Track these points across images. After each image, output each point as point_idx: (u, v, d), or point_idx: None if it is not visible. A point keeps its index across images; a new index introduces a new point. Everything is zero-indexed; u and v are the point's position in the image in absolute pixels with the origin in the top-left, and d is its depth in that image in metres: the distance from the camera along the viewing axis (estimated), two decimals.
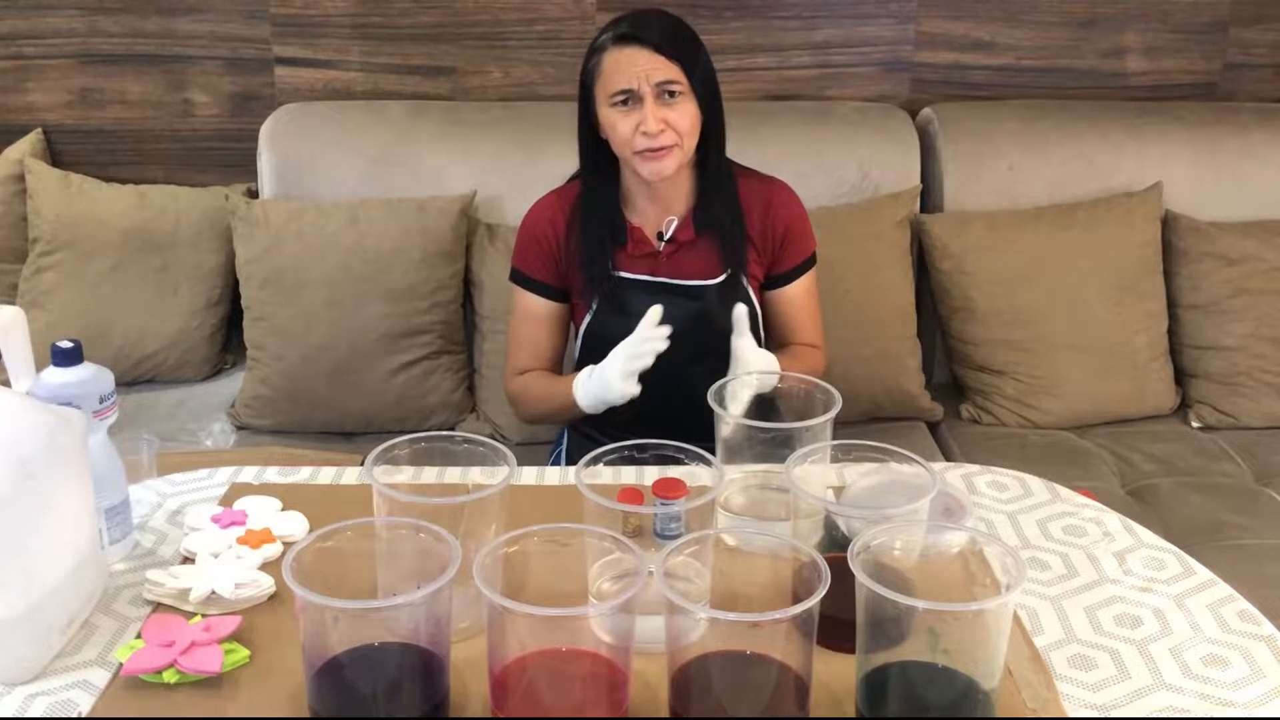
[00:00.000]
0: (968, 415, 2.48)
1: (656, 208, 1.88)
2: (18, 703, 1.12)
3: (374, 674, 1.06)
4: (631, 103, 1.76)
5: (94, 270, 2.46)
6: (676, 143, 1.77)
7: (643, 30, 1.76)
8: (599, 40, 1.80)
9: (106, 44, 2.63)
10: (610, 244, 1.88)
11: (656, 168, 1.78)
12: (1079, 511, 1.48)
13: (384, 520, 1.15)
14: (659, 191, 1.86)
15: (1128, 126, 2.58)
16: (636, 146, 1.77)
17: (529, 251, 1.92)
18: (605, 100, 1.78)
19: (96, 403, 1.29)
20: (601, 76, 1.79)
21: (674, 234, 1.88)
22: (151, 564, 1.33)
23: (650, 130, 1.74)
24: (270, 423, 2.38)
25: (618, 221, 1.88)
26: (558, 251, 1.90)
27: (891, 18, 2.68)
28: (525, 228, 1.93)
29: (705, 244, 1.88)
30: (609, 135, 1.81)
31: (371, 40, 2.64)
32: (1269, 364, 2.44)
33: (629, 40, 1.76)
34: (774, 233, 1.90)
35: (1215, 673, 1.19)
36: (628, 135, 1.76)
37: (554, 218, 1.90)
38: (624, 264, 1.88)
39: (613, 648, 1.04)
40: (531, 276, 1.92)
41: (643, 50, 1.75)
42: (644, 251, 1.88)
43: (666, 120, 1.75)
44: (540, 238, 1.90)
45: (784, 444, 1.29)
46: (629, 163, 1.81)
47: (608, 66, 1.78)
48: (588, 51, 1.82)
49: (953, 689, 1.06)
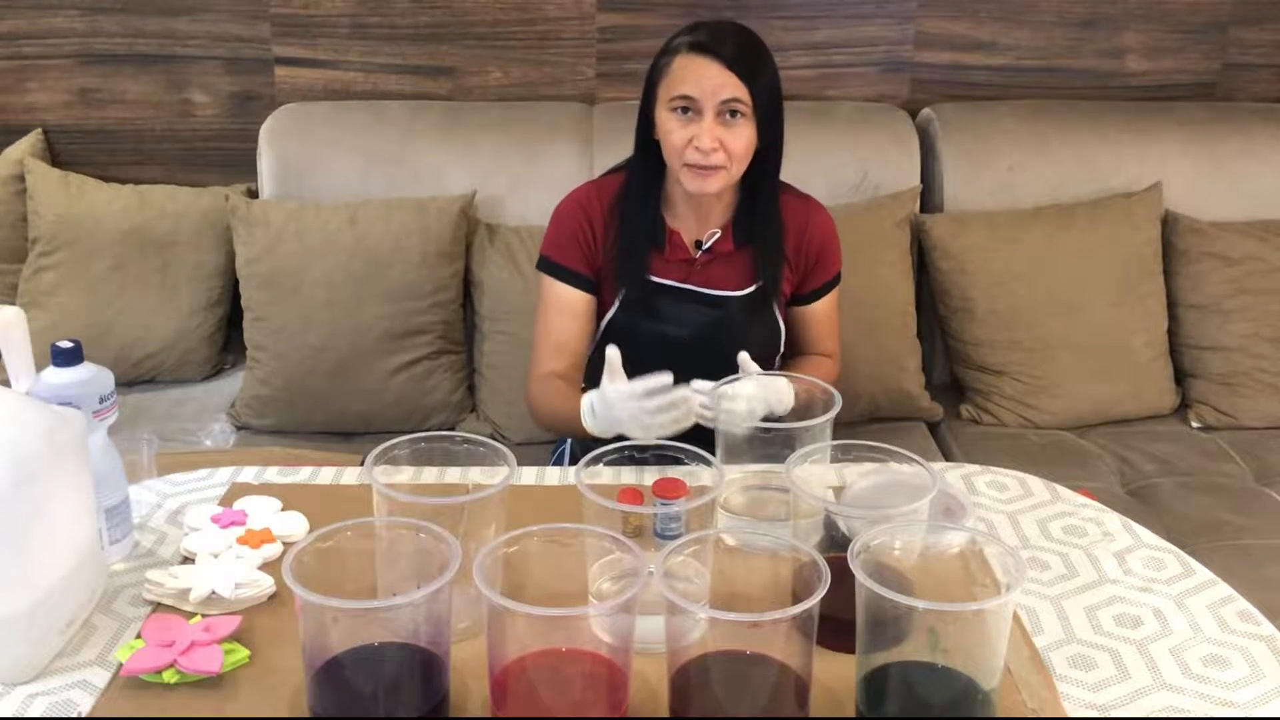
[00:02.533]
0: (968, 415, 2.48)
1: (697, 216, 1.86)
2: (18, 703, 1.12)
3: (374, 674, 1.06)
4: (691, 112, 1.73)
5: (94, 270, 2.46)
6: (726, 165, 1.73)
7: (719, 44, 1.72)
8: (674, 42, 1.77)
9: (106, 44, 2.63)
10: (648, 244, 1.85)
11: (701, 185, 1.75)
12: (1079, 511, 1.48)
13: (384, 520, 1.15)
14: (700, 201, 1.83)
15: (1128, 126, 2.58)
16: (687, 159, 1.73)
17: (563, 240, 1.88)
18: (665, 101, 1.75)
19: (96, 403, 1.29)
20: (668, 77, 1.75)
21: (713, 245, 1.86)
22: (151, 564, 1.33)
23: (704, 147, 1.71)
24: (270, 423, 2.38)
25: (658, 224, 1.86)
26: (592, 241, 1.87)
27: (891, 18, 2.68)
28: (560, 216, 1.89)
29: (741, 257, 1.86)
30: (661, 138, 1.78)
31: (371, 40, 2.64)
32: (1269, 364, 2.44)
33: (703, 50, 1.72)
34: (809, 253, 1.90)
35: (1215, 673, 1.19)
36: (680, 146, 1.73)
37: (590, 207, 1.87)
38: (658, 267, 1.86)
39: (613, 648, 1.04)
40: (564, 265, 1.88)
41: (715, 63, 1.71)
42: (680, 258, 1.86)
43: (722, 141, 1.72)
44: (576, 227, 1.87)
45: (784, 444, 1.29)
46: (675, 172, 1.78)
47: (676, 69, 1.74)
48: (660, 50, 1.79)
49: (953, 689, 1.06)
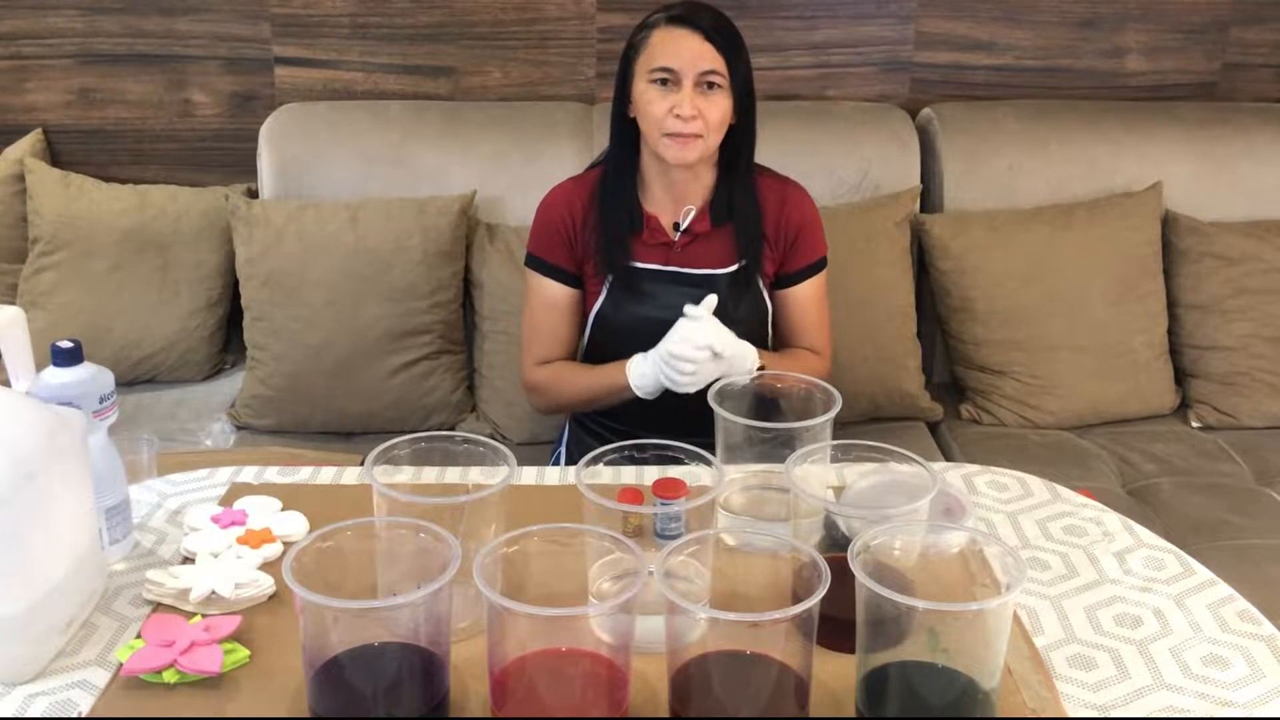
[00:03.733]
0: (968, 415, 2.48)
1: (673, 198, 1.88)
2: (18, 703, 1.12)
3: (374, 674, 1.06)
4: (670, 84, 1.77)
5: (94, 270, 2.46)
6: (703, 133, 1.77)
7: (697, 16, 1.78)
8: (650, 18, 1.81)
9: (106, 44, 2.63)
10: (627, 230, 1.88)
11: (680, 153, 1.78)
12: (1079, 511, 1.48)
13: (384, 520, 1.15)
14: (677, 182, 1.86)
15: (1128, 126, 2.58)
16: (666, 128, 1.77)
17: (546, 236, 1.92)
18: (644, 75, 1.79)
19: (96, 403, 1.29)
20: (646, 51, 1.79)
21: (690, 225, 1.88)
22: (151, 564, 1.33)
23: (684, 114, 1.75)
24: (270, 423, 2.38)
25: (635, 209, 1.89)
26: (575, 237, 1.90)
27: (891, 18, 2.68)
28: (542, 212, 1.93)
29: (720, 236, 1.89)
30: (640, 111, 1.81)
31: (371, 40, 2.64)
32: (1269, 364, 2.44)
33: (681, 22, 1.78)
34: (787, 231, 1.91)
35: (1215, 673, 1.19)
36: (660, 115, 1.77)
37: (571, 203, 1.90)
38: (638, 252, 1.89)
39: (613, 648, 1.04)
40: (549, 261, 1.92)
41: (693, 35, 1.77)
42: (659, 240, 1.89)
43: (700, 109, 1.76)
44: (558, 222, 1.90)
45: (784, 444, 1.29)
46: (654, 144, 1.80)
47: (655, 42, 1.79)
48: (636, 27, 1.83)
49: (953, 689, 1.06)
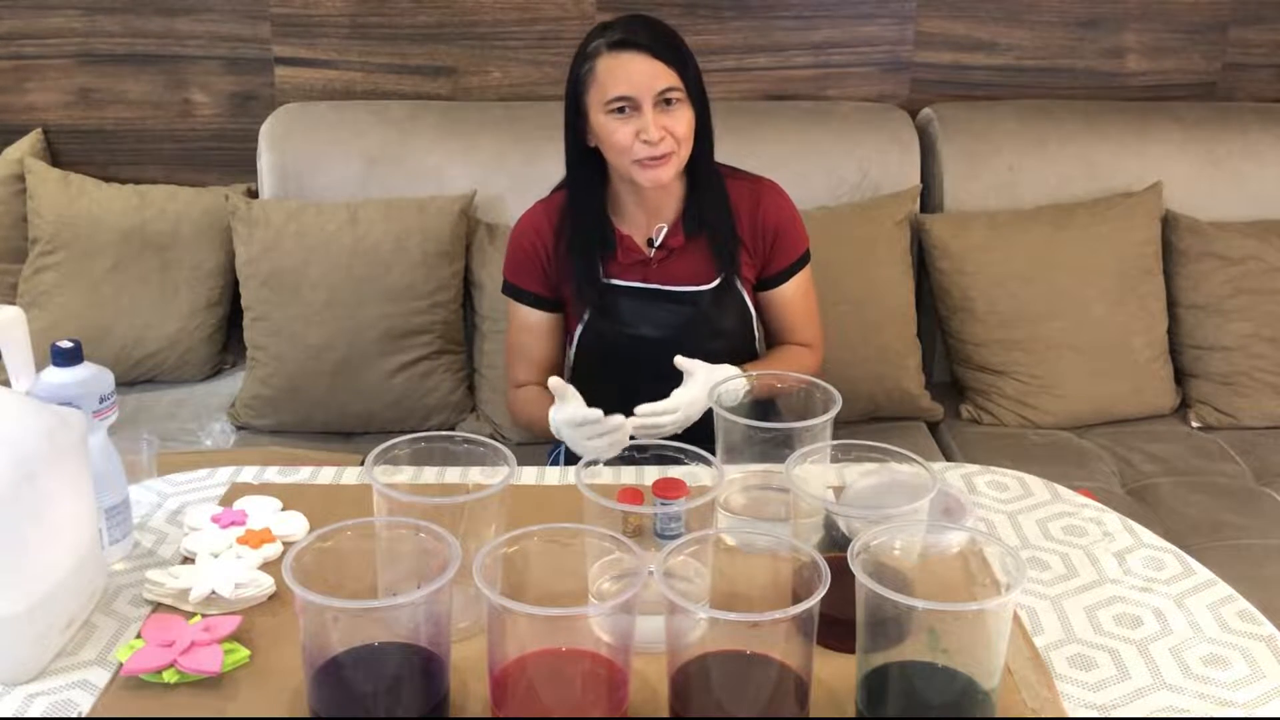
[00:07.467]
0: (968, 415, 2.48)
1: (645, 214, 1.85)
2: (18, 703, 1.12)
3: (374, 674, 1.06)
4: (629, 110, 1.72)
5: (94, 270, 2.46)
6: (674, 150, 1.74)
7: (638, 36, 1.72)
8: (589, 47, 1.75)
9: (106, 44, 2.63)
10: (599, 253, 1.85)
11: (655, 175, 1.74)
12: (1079, 511, 1.48)
13: (384, 520, 1.15)
14: (648, 198, 1.83)
15: (1128, 126, 2.58)
16: (636, 155, 1.73)
17: (519, 264, 1.90)
18: (600, 107, 1.74)
19: (96, 403, 1.29)
20: (595, 83, 1.74)
21: (664, 240, 1.85)
22: (151, 564, 1.33)
23: (651, 139, 1.71)
24: (270, 423, 2.38)
25: (606, 230, 1.85)
26: (547, 263, 1.87)
27: (891, 18, 2.68)
28: (514, 241, 1.91)
29: (696, 249, 1.86)
30: (604, 143, 1.77)
31: (371, 40, 2.64)
32: (1269, 364, 2.44)
33: (625, 46, 1.72)
34: (764, 233, 1.88)
35: (1215, 673, 1.19)
36: (627, 143, 1.73)
37: (541, 229, 1.87)
38: (615, 272, 1.86)
39: (613, 648, 1.04)
40: (524, 288, 1.90)
41: (639, 56, 1.71)
42: (634, 259, 1.86)
43: (665, 127, 1.72)
44: (529, 250, 1.88)
45: (784, 444, 1.28)
46: (625, 171, 1.76)
47: (602, 71, 1.73)
48: (576, 58, 1.77)
49: (953, 689, 1.06)
